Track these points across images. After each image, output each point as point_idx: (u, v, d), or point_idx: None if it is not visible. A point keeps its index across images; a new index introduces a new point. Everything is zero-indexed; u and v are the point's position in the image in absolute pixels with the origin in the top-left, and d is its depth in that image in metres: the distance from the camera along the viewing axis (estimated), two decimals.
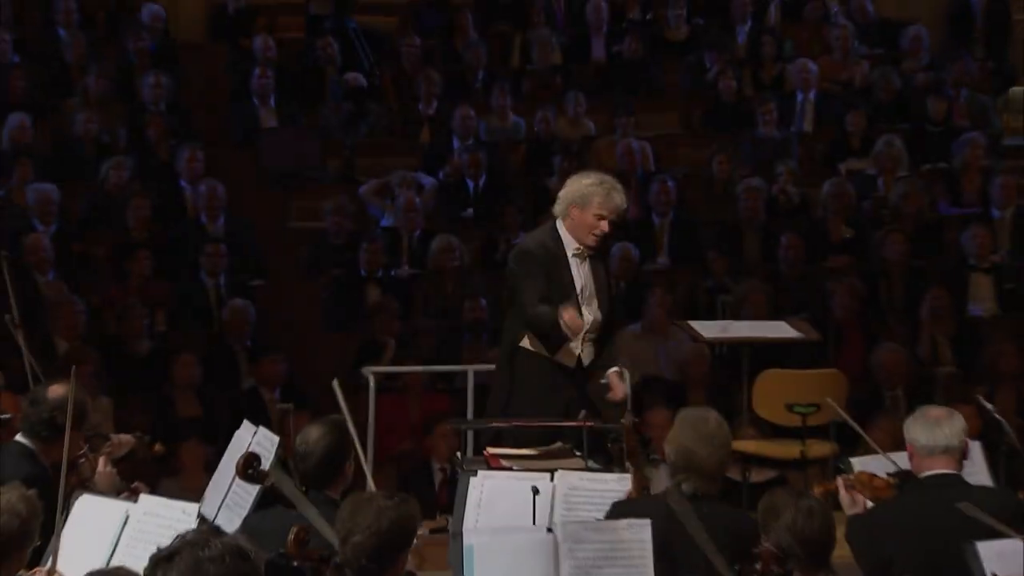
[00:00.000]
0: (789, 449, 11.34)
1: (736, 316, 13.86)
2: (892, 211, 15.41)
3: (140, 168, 15.55)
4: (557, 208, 9.97)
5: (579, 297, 9.94)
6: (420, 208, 15.40)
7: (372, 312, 14.25)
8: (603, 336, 10.32)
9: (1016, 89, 17.99)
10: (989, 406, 10.57)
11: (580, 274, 10.05)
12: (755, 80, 17.40)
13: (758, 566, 6.67)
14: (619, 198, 10.08)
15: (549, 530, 7.47)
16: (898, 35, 17.69)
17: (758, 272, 14.85)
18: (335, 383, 9.18)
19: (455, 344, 13.84)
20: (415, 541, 7.94)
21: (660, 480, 8.53)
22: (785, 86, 17.17)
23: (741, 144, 16.38)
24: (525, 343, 10.05)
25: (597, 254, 10.25)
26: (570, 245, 9.89)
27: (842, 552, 8.05)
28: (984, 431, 10.49)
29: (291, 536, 7.27)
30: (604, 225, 9.83)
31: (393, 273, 15.01)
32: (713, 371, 13.37)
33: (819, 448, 10.84)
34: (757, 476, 12.10)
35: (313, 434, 8.03)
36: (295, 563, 7.46)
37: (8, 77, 16.38)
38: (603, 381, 10.11)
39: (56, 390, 8.50)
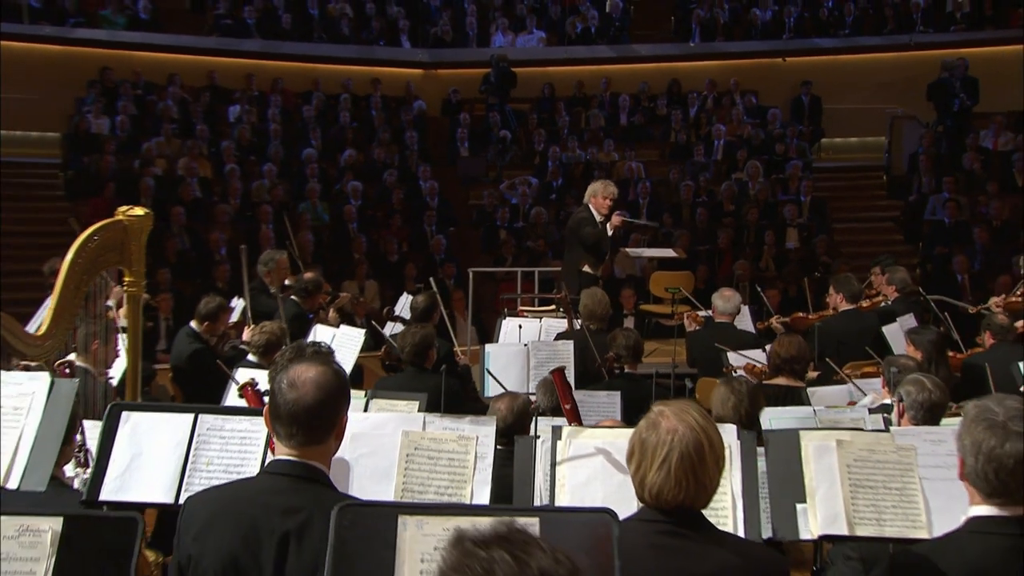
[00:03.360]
0: (666, 308, 11.47)
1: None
2: (753, 197, 15.65)
3: (401, 175, 15.97)
4: (586, 197, 10.36)
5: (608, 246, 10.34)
6: (529, 194, 15.75)
7: (502, 243, 14.63)
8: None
9: (823, 140, 18.14)
10: (760, 289, 10.80)
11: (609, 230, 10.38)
12: (696, 134, 17.43)
13: (608, 361, 7.24)
14: (612, 187, 10.48)
15: (525, 345, 7.94)
16: (766, 113, 17.59)
17: (687, 226, 15.08)
18: (431, 280, 9.59)
19: (538, 258, 13.97)
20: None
21: None
22: (710, 137, 17.12)
23: (685, 166, 16.46)
24: (585, 268, 10.21)
25: (606, 220, 10.31)
26: (597, 216, 10.21)
27: None
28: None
29: (381, 352, 7.90)
30: (609, 201, 10.16)
31: (514, 224, 15.29)
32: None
33: (682, 308, 10.57)
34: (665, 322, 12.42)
35: (419, 299, 8.58)
36: (386, 362, 8.02)
37: (346, 132, 16.66)
38: None
39: (307, 273, 9.08)
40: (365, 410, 5.57)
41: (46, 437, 3.84)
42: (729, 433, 4.14)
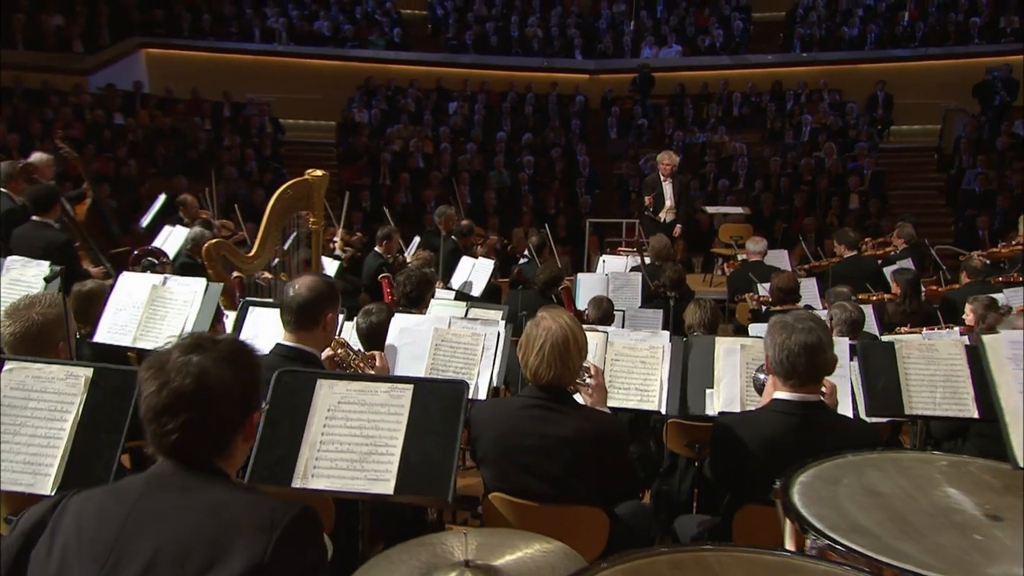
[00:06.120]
0: (730, 251, 10.93)
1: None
2: (827, 170, 14.85)
3: (564, 152, 15.69)
4: (656, 160, 10.24)
5: (664, 197, 10.09)
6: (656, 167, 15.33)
7: (632, 203, 14.23)
8: (676, 210, 10.19)
9: (892, 128, 17.00)
10: (802, 244, 10.33)
11: (666, 187, 10.13)
12: (789, 123, 16.55)
13: (655, 288, 7.16)
14: (673, 156, 10.29)
15: (606, 274, 7.85)
16: (844, 107, 16.58)
17: (772, 191, 14.54)
18: (546, 225, 9.53)
19: None
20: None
21: None
22: (800, 125, 16.25)
23: (778, 146, 15.79)
24: (647, 214, 10.14)
25: (675, 176, 10.17)
26: (662, 177, 10.03)
27: None
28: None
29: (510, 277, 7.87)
30: (669, 166, 10.04)
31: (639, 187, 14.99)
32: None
33: (742, 252, 9.93)
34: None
35: (534, 239, 8.60)
36: (512, 282, 7.99)
37: (528, 120, 16.59)
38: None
39: (464, 221, 9.21)
40: (465, 316, 5.74)
41: (201, 321, 4.19)
42: (663, 338, 4.20)
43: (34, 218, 6.55)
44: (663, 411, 3.98)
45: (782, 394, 2.93)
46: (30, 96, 14.90)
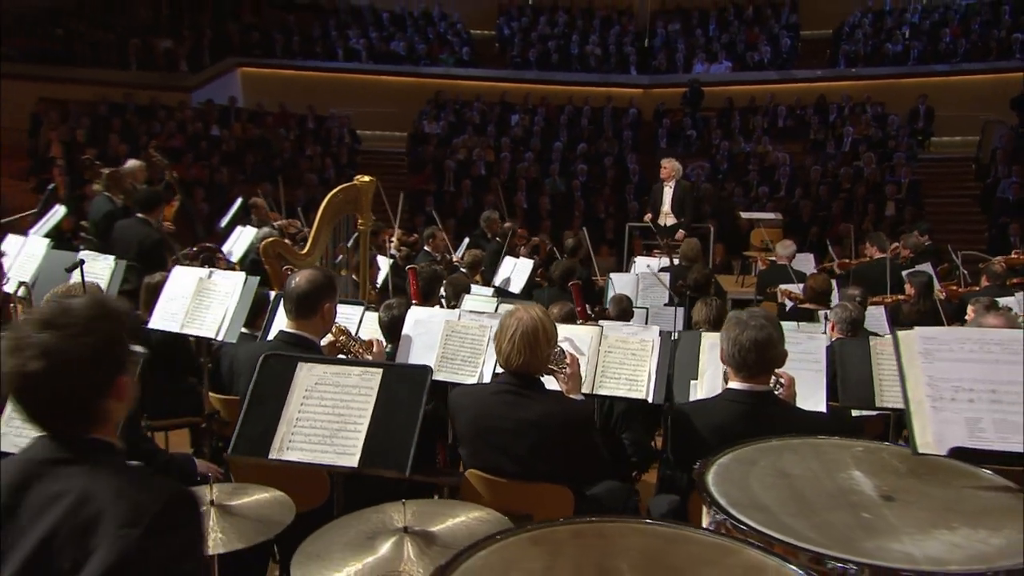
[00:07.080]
0: (761, 254, 10.46)
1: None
2: (865, 179, 14.42)
3: (616, 160, 15.45)
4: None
5: (661, 203, 9.85)
6: (703, 175, 14.97)
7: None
8: (676, 215, 9.86)
9: (932, 139, 16.41)
10: (831, 250, 9.98)
11: (667, 192, 9.89)
12: (832, 134, 16.04)
13: (677, 288, 7.03)
14: (671, 161, 10.06)
15: (636, 274, 7.66)
16: (886, 119, 16.05)
17: (812, 199, 14.17)
18: (584, 228, 9.38)
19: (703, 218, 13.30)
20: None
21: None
22: (842, 136, 15.79)
23: (820, 156, 15.34)
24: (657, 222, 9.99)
25: (680, 182, 9.94)
26: (663, 179, 9.86)
27: None
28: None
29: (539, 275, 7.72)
30: (665, 171, 9.87)
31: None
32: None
33: (773, 254, 9.78)
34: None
35: (570, 241, 8.50)
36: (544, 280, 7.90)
37: (583, 131, 16.56)
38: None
39: (507, 223, 9.18)
40: (495, 310, 5.75)
41: (240, 310, 4.33)
42: (653, 332, 4.18)
43: (138, 215, 6.91)
44: (650, 400, 3.96)
45: (734, 384, 2.93)
46: (140, 111, 15.51)
